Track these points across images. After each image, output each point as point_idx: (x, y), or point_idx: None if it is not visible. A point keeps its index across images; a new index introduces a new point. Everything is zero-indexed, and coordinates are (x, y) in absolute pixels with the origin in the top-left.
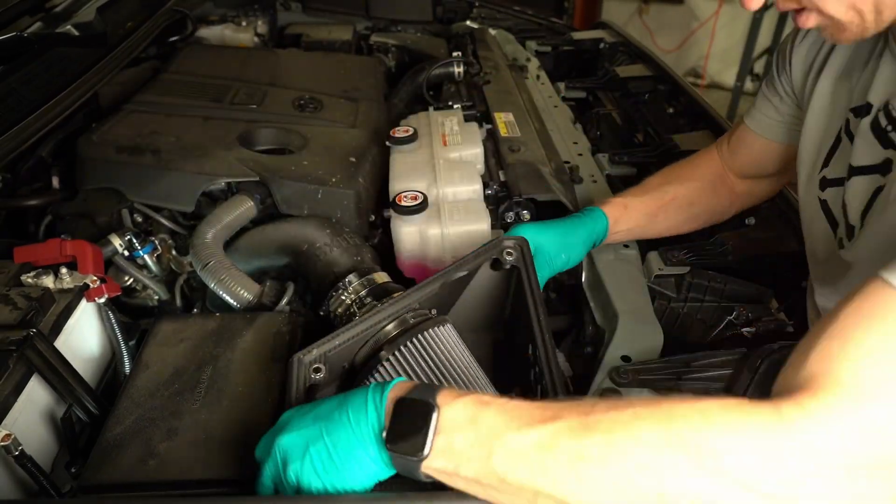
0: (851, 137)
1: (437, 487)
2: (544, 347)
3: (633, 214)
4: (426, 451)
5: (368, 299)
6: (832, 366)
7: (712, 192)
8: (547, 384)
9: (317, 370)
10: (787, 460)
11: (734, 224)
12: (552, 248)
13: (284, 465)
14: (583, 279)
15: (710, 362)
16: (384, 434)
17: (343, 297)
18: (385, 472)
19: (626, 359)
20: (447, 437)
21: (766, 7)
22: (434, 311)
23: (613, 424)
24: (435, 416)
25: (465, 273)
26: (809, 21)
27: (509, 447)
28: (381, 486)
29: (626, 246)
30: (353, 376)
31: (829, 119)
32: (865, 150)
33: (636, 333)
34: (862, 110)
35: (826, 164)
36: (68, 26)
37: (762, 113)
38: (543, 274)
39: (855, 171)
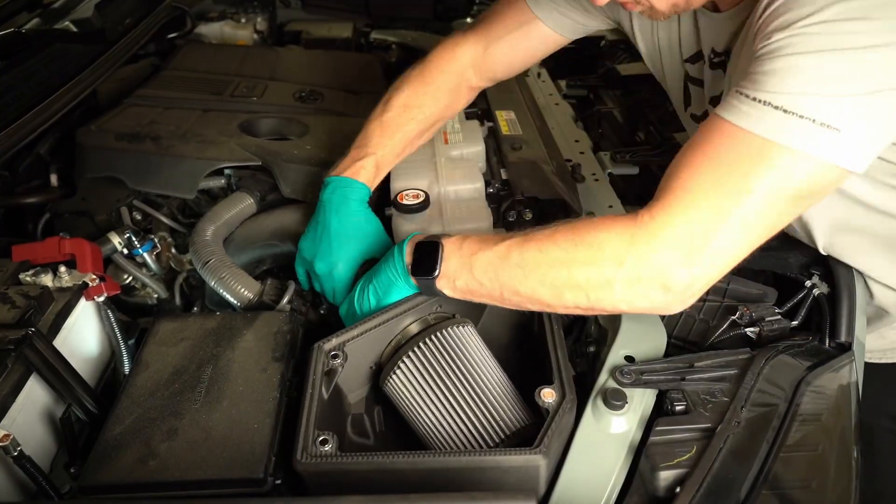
0: (699, 83)
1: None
2: (555, 347)
3: (387, 166)
4: (436, 272)
5: None
6: (672, 182)
7: (452, 101)
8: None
9: (335, 356)
10: (638, 243)
11: None
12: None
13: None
14: None
15: (713, 363)
16: (409, 268)
17: None
18: (411, 290)
19: (629, 359)
20: (447, 263)
21: None
22: (457, 316)
23: (542, 237)
24: (440, 249)
25: None
26: (637, 6)
27: (481, 261)
28: None
29: None
30: (380, 375)
31: (671, 63)
32: (716, 83)
33: (639, 333)
34: (695, 58)
35: (688, 104)
36: (66, 22)
37: (559, 13)
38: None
39: (713, 100)
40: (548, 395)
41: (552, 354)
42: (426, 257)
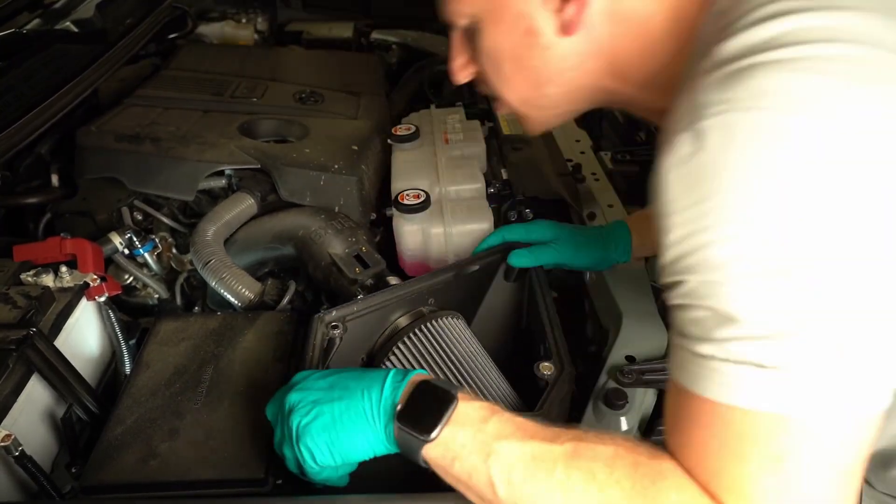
0: None
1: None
2: (551, 327)
3: None
4: (434, 434)
5: None
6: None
7: None
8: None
9: (335, 327)
10: None
11: None
12: (566, 246)
13: (289, 414)
14: (586, 278)
15: None
16: (398, 407)
17: None
18: (383, 448)
19: (630, 359)
20: (454, 430)
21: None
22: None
23: (597, 457)
24: (453, 405)
25: (477, 267)
26: (502, 108)
27: (508, 452)
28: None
29: None
30: (370, 366)
31: None
32: None
33: (640, 333)
34: None
35: None
36: (67, 23)
37: None
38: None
39: None
40: (546, 369)
41: (548, 332)
42: (431, 403)
